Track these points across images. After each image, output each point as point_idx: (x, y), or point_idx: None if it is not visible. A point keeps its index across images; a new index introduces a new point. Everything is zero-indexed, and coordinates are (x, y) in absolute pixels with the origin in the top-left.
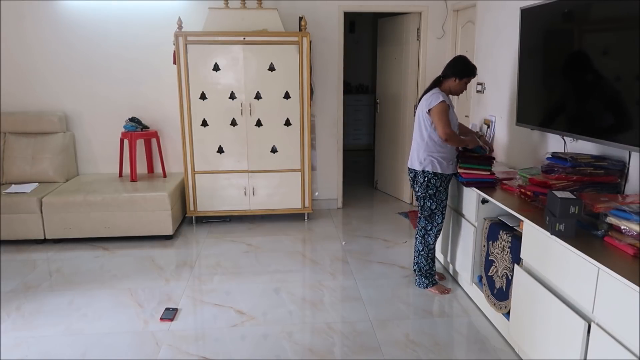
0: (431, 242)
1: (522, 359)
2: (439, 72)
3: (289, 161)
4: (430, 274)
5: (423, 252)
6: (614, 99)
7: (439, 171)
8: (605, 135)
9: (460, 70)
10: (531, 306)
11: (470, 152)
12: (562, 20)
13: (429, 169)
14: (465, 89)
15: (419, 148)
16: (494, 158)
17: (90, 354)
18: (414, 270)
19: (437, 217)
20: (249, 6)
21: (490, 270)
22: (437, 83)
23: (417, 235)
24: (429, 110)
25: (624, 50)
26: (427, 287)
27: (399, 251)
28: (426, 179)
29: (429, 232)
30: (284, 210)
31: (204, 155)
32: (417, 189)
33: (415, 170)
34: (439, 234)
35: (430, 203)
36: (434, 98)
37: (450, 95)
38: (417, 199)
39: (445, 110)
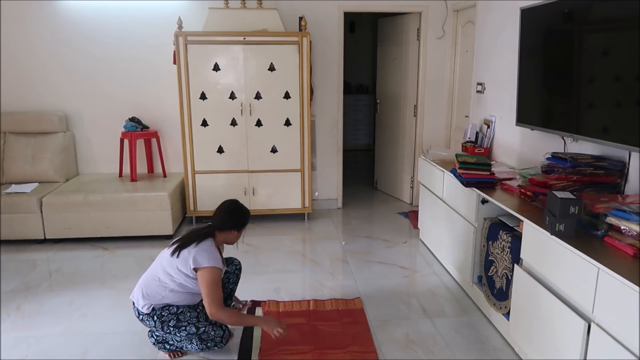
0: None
1: (522, 359)
2: (439, 72)
3: (289, 161)
4: None
5: None
6: (613, 99)
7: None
8: (605, 135)
9: (240, 221)
10: (531, 306)
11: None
12: (562, 20)
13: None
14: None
15: (153, 290)
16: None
17: (90, 354)
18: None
19: (209, 332)
20: (249, 6)
21: (490, 270)
22: (210, 234)
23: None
24: (196, 269)
25: (624, 50)
26: None
27: (399, 251)
28: (157, 318)
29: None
30: (284, 210)
31: (204, 155)
32: (153, 329)
33: (140, 311)
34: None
35: (181, 332)
36: (208, 257)
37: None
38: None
39: (218, 281)
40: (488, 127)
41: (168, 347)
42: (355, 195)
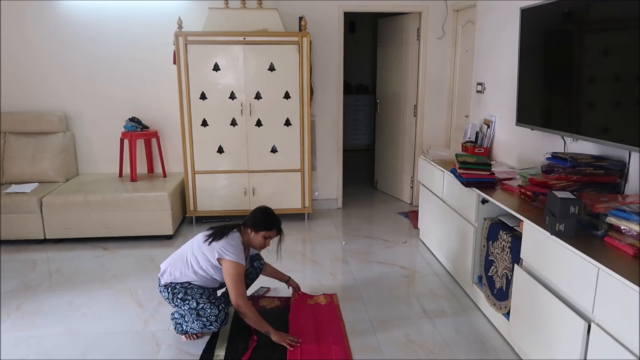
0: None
1: (522, 359)
2: (439, 72)
3: (289, 161)
4: None
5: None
6: (613, 99)
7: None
8: (605, 135)
9: (256, 222)
10: (531, 306)
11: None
12: (562, 20)
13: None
14: (268, 245)
15: (179, 268)
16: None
17: (90, 354)
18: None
19: (206, 309)
20: (249, 6)
21: (490, 270)
22: (239, 230)
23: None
24: (220, 259)
25: (623, 50)
26: None
27: (399, 251)
28: (170, 290)
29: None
30: (284, 210)
31: (204, 155)
32: (167, 301)
33: (160, 282)
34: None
35: (184, 305)
36: (232, 251)
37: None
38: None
39: (242, 275)
40: (488, 127)
41: (181, 329)
42: (355, 195)
